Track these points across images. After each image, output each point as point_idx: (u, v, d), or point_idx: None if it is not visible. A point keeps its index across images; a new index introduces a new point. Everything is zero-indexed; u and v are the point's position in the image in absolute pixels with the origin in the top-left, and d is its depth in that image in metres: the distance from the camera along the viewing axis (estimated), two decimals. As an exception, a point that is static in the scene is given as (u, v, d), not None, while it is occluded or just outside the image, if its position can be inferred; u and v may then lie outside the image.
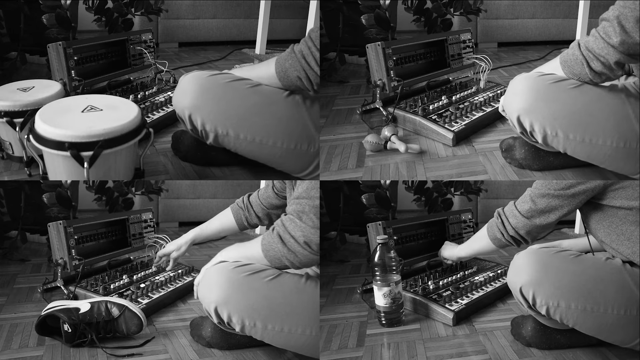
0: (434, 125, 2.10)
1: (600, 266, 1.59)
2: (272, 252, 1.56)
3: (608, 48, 1.59)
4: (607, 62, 1.62)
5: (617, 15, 1.56)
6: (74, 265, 2.11)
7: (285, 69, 1.74)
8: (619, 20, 1.55)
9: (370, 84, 2.25)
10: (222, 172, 1.97)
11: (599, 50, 1.61)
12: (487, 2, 3.17)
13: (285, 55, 1.75)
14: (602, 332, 1.60)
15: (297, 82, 1.74)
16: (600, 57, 1.61)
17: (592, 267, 1.59)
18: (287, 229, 1.53)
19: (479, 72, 2.39)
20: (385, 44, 2.18)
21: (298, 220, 1.51)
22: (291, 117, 1.78)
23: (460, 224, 2.35)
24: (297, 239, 1.51)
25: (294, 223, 1.52)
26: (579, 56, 1.66)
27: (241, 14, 3.34)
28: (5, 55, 2.84)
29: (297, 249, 1.52)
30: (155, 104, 2.26)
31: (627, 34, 1.55)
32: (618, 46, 1.57)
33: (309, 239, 1.51)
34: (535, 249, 1.63)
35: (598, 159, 1.77)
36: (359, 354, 1.74)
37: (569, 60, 1.69)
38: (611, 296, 1.56)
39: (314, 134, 1.80)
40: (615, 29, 1.56)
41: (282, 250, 1.54)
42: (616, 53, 1.58)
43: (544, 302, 1.58)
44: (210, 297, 1.62)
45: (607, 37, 1.58)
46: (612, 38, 1.57)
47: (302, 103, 1.79)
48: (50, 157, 1.67)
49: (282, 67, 1.75)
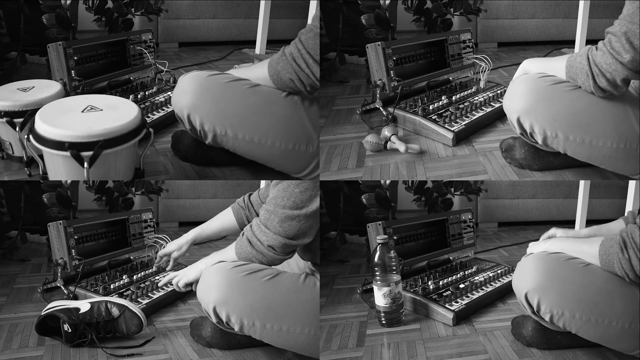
0: (434, 125, 2.09)
1: (608, 278, 1.55)
2: (243, 253, 1.65)
3: (617, 64, 1.56)
4: (613, 79, 1.59)
5: (624, 31, 1.53)
6: (74, 265, 2.11)
7: (277, 71, 1.75)
8: (627, 37, 1.53)
9: (370, 84, 2.25)
10: (222, 172, 1.97)
11: (606, 67, 1.58)
12: (487, 2, 3.16)
13: (277, 58, 1.75)
14: (605, 341, 1.59)
15: (291, 84, 1.75)
16: (607, 73, 1.59)
17: (600, 278, 1.55)
18: (254, 234, 1.64)
19: (479, 72, 2.39)
20: (385, 44, 2.18)
21: (263, 226, 1.62)
22: (290, 117, 1.78)
23: (460, 224, 2.35)
24: (263, 243, 1.62)
25: (260, 228, 1.63)
26: (586, 67, 1.63)
27: (241, 14, 3.34)
28: (5, 55, 2.84)
29: (263, 251, 1.63)
30: (155, 104, 2.26)
31: (637, 51, 1.52)
32: (627, 63, 1.54)
33: (272, 244, 1.62)
34: (544, 254, 1.61)
35: (598, 160, 1.76)
36: (359, 354, 1.74)
37: (575, 67, 1.67)
38: (617, 309, 1.54)
39: (312, 134, 1.80)
40: (625, 46, 1.53)
41: (251, 252, 1.64)
42: (625, 70, 1.56)
43: (548, 309, 1.57)
44: (209, 297, 1.62)
45: (617, 54, 1.55)
46: (623, 55, 1.54)
47: (301, 103, 1.79)
48: (50, 157, 1.67)
49: (274, 70, 1.75)
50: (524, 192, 3.27)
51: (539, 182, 3.19)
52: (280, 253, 1.63)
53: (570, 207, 3.06)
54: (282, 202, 1.59)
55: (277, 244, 1.61)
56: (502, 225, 3.26)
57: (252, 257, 1.64)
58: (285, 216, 1.59)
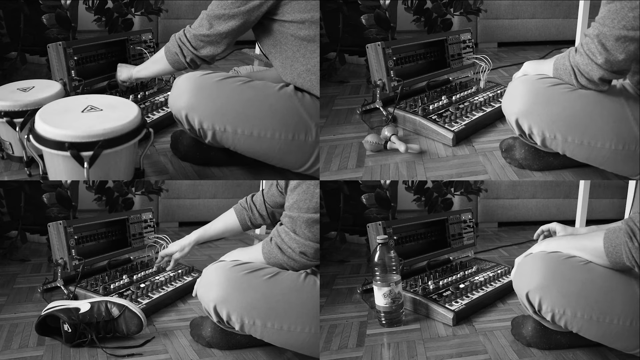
0: (434, 125, 2.10)
1: (609, 276, 1.55)
2: (273, 259, 1.66)
3: (592, 65, 1.62)
4: (591, 78, 1.66)
5: (597, 34, 1.59)
6: (74, 265, 2.11)
7: (168, 49, 1.87)
8: (599, 39, 1.59)
9: (370, 84, 2.25)
10: (222, 172, 1.97)
11: (584, 67, 1.65)
12: (487, 2, 3.17)
13: (170, 43, 1.87)
14: (606, 340, 1.59)
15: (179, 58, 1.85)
16: (585, 73, 1.65)
17: (601, 276, 1.55)
18: (284, 241, 1.64)
19: (479, 72, 2.39)
20: (385, 44, 2.18)
21: (292, 233, 1.63)
22: (286, 108, 1.79)
23: (460, 224, 2.35)
24: (294, 250, 1.63)
25: (289, 236, 1.63)
26: (569, 67, 1.69)
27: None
28: (5, 55, 2.84)
29: (296, 258, 1.64)
30: (155, 104, 2.26)
31: (609, 53, 1.58)
32: (602, 64, 1.60)
33: (304, 250, 1.62)
34: (543, 253, 1.60)
35: (597, 161, 1.77)
36: (359, 354, 1.74)
37: (560, 68, 1.72)
38: (618, 307, 1.54)
39: (309, 123, 1.80)
40: (598, 48, 1.59)
41: (282, 259, 1.65)
42: (600, 70, 1.62)
43: (549, 309, 1.56)
44: (210, 296, 1.62)
45: (592, 55, 1.61)
46: (597, 57, 1.60)
47: (294, 94, 1.80)
48: (50, 157, 1.67)
49: (168, 51, 1.87)
50: (524, 192, 3.27)
51: (539, 182, 3.19)
52: (312, 258, 1.64)
53: (570, 207, 3.06)
54: (306, 205, 1.61)
55: (309, 249, 1.62)
56: (502, 225, 3.26)
57: (282, 262, 1.66)
58: (312, 220, 1.61)
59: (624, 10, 1.54)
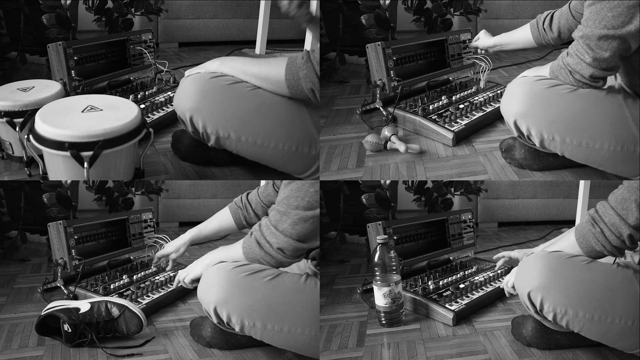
0: (434, 125, 2.10)
1: (611, 275, 1.56)
2: (251, 254, 1.63)
3: (582, 64, 1.67)
4: (582, 77, 1.70)
5: (581, 35, 1.66)
6: (74, 265, 2.11)
7: (298, 77, 1.69)
8: (584, 40, 1.65)
9: (370, 84, 2.25)
10: (222, 172, 1.97)
11: (574, 66, 1.69)
12: (487, 2, 3.16)
13: (300, 64, 1.69)
14: (608, 340, 1.59)
15: (310, 94, 1.71)
16: (576, 72, 1.70)
17: (603, 275, 1.56)
18: (263, 235, 1.61)
19: (479, 72, 2.39)
20: (385, 44, 2.18)
21: (273, 228, 1.60)
22: (292, 119, 1.78)
23: (460, 224, 2.35)
24: (272, 245, 1.60)
25: (269, 230, 1.60)
26: (564, 66, 1.72)
27: (241, 14, 3.34)
28: (5, 55, 2.84)
29: (272, 253, 1.61)
30: (155, 104, 2.26)
31: (595, 52, 1.64)
32: (591, 63, 1.66)
33: (282, 246, 1.59)
34: (545, 253, 1.61)
35: (596, 162, 1.77)
36: (359, 354, 1.74)
37: (556, 70, 1.75)
38: (620, 307, 1.55)
39: (315, 136, 1.80)
40: (584, 48, 1.65)
41: (259, 253, 1.62)
42: (590, 68, 1.67)
43: (551, 308, 1.57)
44: (210, 297, 1.62)
45: (581, 55, 1.67)
46: (585, 56, 1.66)
47: (304, 106, 1.78)
48: (50, 157, 1.67)
49: (294, 76, 1.69)
50: (524, 192, 3.27)
51: (539, 182, 3.19)
52: (289, 256, 1.61)
53: (570, 207, 3.06)
54: (296, 202, 1.57)
55: (288, 246, 1.59)
56: (502, 225, 3.26)
57: (259, 258, 1.63)
58: (299, 218, 1.57)
59: (604, 10, 1.61)
